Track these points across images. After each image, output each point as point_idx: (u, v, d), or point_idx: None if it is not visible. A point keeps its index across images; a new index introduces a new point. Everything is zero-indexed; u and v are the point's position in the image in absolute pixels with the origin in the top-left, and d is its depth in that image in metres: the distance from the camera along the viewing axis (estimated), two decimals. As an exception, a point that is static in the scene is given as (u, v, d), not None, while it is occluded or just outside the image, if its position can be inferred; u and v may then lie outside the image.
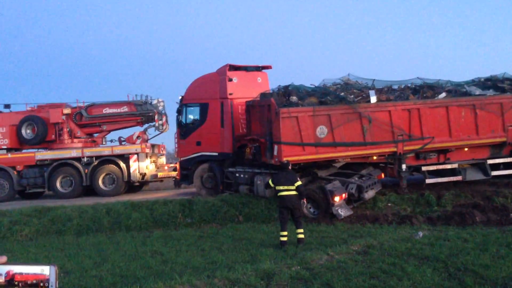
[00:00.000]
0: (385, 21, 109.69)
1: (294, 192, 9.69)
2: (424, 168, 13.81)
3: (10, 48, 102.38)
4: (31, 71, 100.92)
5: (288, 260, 8.03)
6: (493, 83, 14.78)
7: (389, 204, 13.12)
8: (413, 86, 14.82)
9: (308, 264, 7.65)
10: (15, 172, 18.56)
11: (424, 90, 14.32)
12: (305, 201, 10.74)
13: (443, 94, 14.06)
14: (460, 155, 14.01)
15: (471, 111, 13.52)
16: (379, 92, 14.01)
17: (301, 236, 9.67)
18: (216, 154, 15.80)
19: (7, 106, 19.60)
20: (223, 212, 13.10)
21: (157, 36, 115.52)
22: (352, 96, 13.65)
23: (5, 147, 19.12)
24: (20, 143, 19.32)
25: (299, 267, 7.51)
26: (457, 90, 14.43)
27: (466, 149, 13.98)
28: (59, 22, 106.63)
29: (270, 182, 10.06)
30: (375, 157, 13.71)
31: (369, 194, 13.00)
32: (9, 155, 18.91)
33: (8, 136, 19.11)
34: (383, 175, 14.11)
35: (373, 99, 13.36)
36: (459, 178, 13.73)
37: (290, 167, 10.41)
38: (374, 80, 14.70)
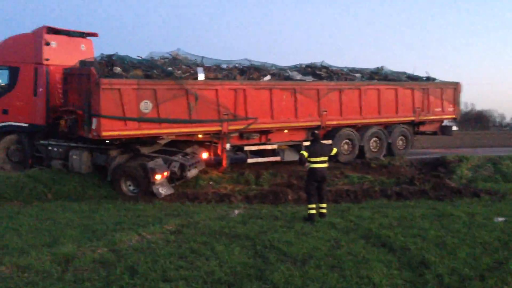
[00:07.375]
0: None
1: (326, 165, 9.12)
2: (246, 148, 14.15)
3: None
4: None
5: (94, 242, 7.37)
6: (312, 70, 15.75)
7: (211, 183, 13.16)
8: (241, 66, 15.01)
9: (116, 245, 7.09)
10: None
11: (251, 72, 14.60)
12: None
13: (268, 77, 14.50)
14: (280, 137, 14.68)
15: (292, 95, 14.17)
16: (207, 70, 13.88)
17: (325, 211, 9.09)
18: (26, 125, 14.05)
19: None
20: (29, 189, 11.71)
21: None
22: (180, 71, 13.27)
23: None
24: None
25: (105, 249, 6.92)
26: (280, 74, 15.01)
27: (286, 131, 14.66)
28: None
29: (304, 153, 9.05)
30: (200, 136, 13.57)
31: (192, 172, 12.85)
32: None
33: None
34: (207, 154, 14.04)
35: (201, 77, 13.15)
36: (278, 158, 14.45)
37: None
38: (203, 57, 14.54)
